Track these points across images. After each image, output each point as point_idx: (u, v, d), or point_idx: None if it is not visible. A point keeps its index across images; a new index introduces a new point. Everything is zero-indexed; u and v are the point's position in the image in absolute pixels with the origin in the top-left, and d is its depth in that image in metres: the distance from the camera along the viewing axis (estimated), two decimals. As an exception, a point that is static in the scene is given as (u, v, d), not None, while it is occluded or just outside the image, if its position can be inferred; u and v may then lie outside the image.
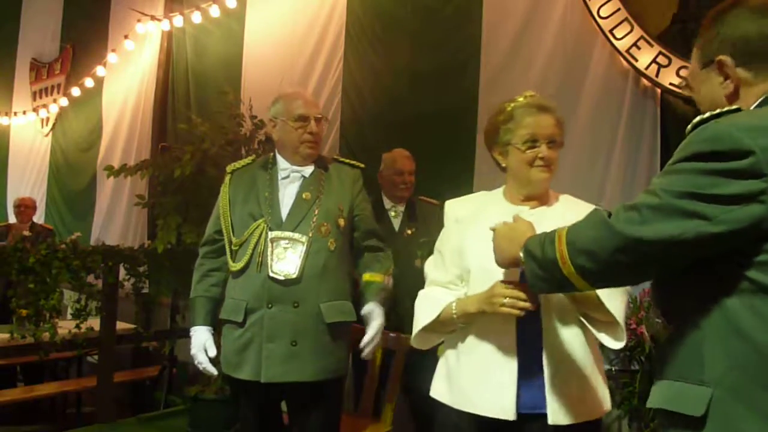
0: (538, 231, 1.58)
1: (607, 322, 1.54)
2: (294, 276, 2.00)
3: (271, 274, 2.00)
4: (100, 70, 5.67)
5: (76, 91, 5.93)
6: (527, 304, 1.47)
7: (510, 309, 1.47)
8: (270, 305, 2.01)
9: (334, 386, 2.10)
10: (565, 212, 1.64)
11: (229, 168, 2.26)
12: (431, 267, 1.76)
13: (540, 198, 1.68)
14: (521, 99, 1.66)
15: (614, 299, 1.51)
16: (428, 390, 1.72)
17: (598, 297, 1.49)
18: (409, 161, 3.13)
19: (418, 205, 3.15)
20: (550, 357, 1.53)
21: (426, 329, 1.67)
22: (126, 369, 4.28)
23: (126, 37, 5.32)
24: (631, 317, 2.36)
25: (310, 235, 2.04)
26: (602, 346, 1.61)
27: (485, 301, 1.53)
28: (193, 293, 2.20)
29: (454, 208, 1.77)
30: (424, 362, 1.97)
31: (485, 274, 1.58)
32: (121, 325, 3.71)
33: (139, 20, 5.22)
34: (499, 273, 1.55)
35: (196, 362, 2.14)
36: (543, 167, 1.61)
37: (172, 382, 3.99)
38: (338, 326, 2.07)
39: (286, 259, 2.01)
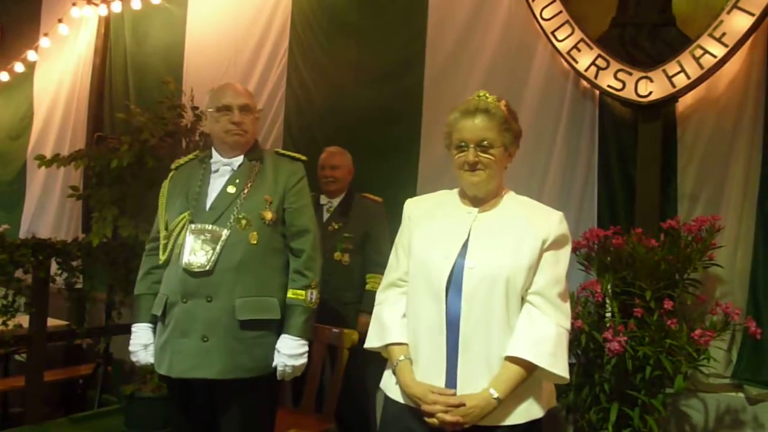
0: (485, 233, 1.63)
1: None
2: (206, 268, 1.97)
3: (183, 265, 1.99)
4: (31, 55, 5.39)
5: (4, 76, 5.61)
6: (455, 421, 1.49)
7: (432, 420, 1.51)
8: (185, 299, 1.99)
9: (259, 385, 2.03)
10: (516, 214, 1.68)
11: (173, 165, 2.28)
12: (389, 267, 1.79)
13: (487, 200, 1.69)
14: (464, 102, 1.67)
15: (563, 360, 1.61)
16: (369, 386, 1.73)
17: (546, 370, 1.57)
18: (331, 156, 3.20)
19: (357, 201, 3.18)
20: (464, 367, 1.55)
21: None
22: (57, 367, 4.11)
23: (60, 20, 5.08)
24: (568, 312, 2.42)
25: (229, 227, 2.02)
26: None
27: (420, 397, 1.55)
28: (136, 290, 2.19)
29: (410, 206, 1.79)
30: (366, 359, 1.97)
31: (421, 267, 1.64)
32: (52, 322, 3.55)
33: (74, 3, 4.98)
34: (437, 271, 1.58)
35: (134, 359, 2.15)
36: (469, 171, 1.63)
37: (106, 381, 3.87)
38: (256, 323, 2.01)
39: (201, 251, 1.99)
